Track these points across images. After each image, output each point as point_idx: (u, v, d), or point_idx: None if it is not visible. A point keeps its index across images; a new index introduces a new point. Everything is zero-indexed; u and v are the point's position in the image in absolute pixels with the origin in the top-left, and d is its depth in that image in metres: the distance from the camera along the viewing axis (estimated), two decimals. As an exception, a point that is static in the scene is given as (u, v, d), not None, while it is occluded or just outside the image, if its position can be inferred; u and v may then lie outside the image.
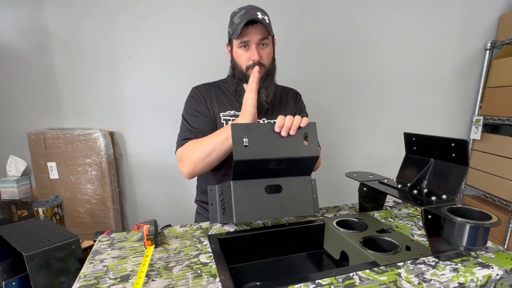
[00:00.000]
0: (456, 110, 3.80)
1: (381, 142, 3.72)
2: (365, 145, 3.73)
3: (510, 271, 1.21)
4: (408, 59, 3.56)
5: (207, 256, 1.29)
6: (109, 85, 3.14)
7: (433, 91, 3.68)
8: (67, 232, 1.41)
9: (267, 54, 1.96)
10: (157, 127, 3.24)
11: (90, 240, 1.75)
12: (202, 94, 2.06)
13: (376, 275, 1.15)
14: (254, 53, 1.89)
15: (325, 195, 2.86)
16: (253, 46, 1.89)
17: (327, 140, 3.30)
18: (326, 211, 1.85)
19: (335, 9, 3.31)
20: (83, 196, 3.13)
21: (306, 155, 1.47)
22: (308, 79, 3.39)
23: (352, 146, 3.71)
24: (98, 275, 1.15)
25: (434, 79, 3.65)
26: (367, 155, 3.73)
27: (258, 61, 1.90)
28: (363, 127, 3.68)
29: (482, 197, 3.70)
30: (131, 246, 1.39)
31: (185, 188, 3.33)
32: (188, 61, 3.17)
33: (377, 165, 3.65)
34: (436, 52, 3.58)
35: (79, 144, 3.02)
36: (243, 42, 1.89)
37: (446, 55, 3.61)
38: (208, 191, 1.60)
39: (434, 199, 1.35)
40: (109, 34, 3.04)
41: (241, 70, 1.96)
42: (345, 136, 3.66)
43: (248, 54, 1.92)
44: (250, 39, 1.88)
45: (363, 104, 3.62)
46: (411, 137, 1.66)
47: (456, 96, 3.75)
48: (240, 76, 1.97)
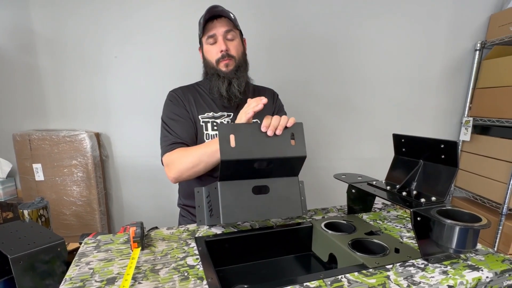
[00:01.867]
0: (445, 111, 3.82)
1: (369, 144, 3.73)
2: (354, 146, 3.73)
3: (500, 274, 1.22)
4: (397, 60, 3.57)
5: (194, 259, 1.30)
6: (95, 86, 3.13)
7: (422, 92, 3.70)
8: (52, 234, 1.41)
9: (235, 46, 2.00)
10: (143, 129, 3.23)
11: (76, 242, 1.75)
12: (180, 97, 2.09)
13: (364, 277, 1.16)
14: (221, 43, 1.95)
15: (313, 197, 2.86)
16: (220, 38, 1.95)
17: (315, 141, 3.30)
18: (314, 213, 1.85)
19: (323, 8, 3.31)
20: (69, 198, 3.12)
21: (293, 155, 1.48)
22: (293, 80, 3.39)
23: (340, 147, 3.71)
24: (84, 278, 1.15)
25: (423, 80, 3.67)
26: (356, 157, 3.74)
27: (226, 52, 1.95)
28: (352, 128, 3.68)
29: (471, 199, 3.71)
30: (117, 248, 1.39)
31: (172, 190, 3.30)
32: (176, 61, 3.17)
33: (365, 167, 3.66)
34: (425, 53, 3.60)
35: (65, 145, 3.01)
36: (210, 36, 1.96)
37: (435, 55, 3.62)
38: (195, 193, 1.61)
39: (423, 201, 1.36)
40: (95, 35, 3.03)
41: (211, 65, 2.01)
42: (333, 137, 3.66)
43: (216, 47, 1.97)
44: (216, 32, 1.94)
45: (352, 105, 3.62)
46: (400, 139, 1.66)
47: (445, 97, 3.76)
48: (212, 72, 2.02)
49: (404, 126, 3.74)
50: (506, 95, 3.25)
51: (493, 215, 3.32)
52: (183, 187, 2.25)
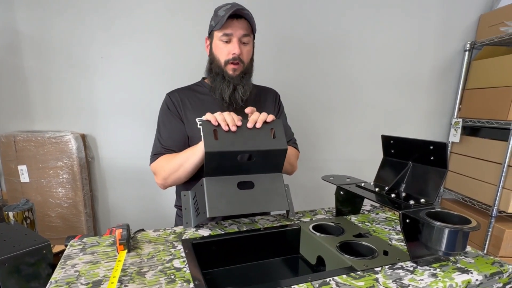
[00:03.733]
0: (434, 112, 3.84)
1: (358, 145, 3.74)
2: (342, 147, 3.75)
3: (490, 277, 1.23)
4: (386, 60, 3.59)
5: (181, 261, 1.30)
6: (81, 87, 3.11)
7: (411, 92, 3.72)
8: (38, 236, 1.41)
9: (247, 52, 1.98)
10: (130, 130, 3.22)
11: (62, 244, 1.75)
12: (175, 103, 2.07)
13: (353, 280, 1.17)
14: (236, 46, 1.90)
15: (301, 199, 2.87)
16: (235, 40, 1.91)
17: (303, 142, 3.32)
18: (302, 215, 1.86)
19: (312, 9, 3.32)
20: (54, 200, 3.10)
21: (274, 147, 1.53)
22: (284, 80, 3.40)
23: (329, 148, 3.72)
24: (70, 281, 1.15)
25: (412, 81, 3.69)
26: (344, 158, 3.75)
27: (238, 56, 1.92)
28: (340, 129, 3.70)
29: (461, 201, 3.73)
30: (103, 251, 1.39)
31: (158, 192, 3.32)
32: (163, 62, 3.16)
33: (354, 169, 3.68)
34: (414, 53, 3.62)
35: (50, 147, 3.00)
36: (226, 34, 1.91)
37: (425, 56, 3.65)
38: (182, 197, 1.64)
39: (412, 203, 1.36)
40: (81, 35, 3.01)
41: (219, 64, 1.97)
42: (322, 138, 3.68)
43: (228, 48, 1.93)
44: (233, 32, 1.90)
45: (340, 106, 3.64)
46: (389, 140, 1.67)
47: (434, 98, 3.79)
48: (217, 71, 1.99)
49: (393, 127, 3.77)
50: (496, 96, 3.27)
51: (483, 217, 3.35)
52: (180, 187, 2.23)
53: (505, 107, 3.14)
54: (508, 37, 3.14)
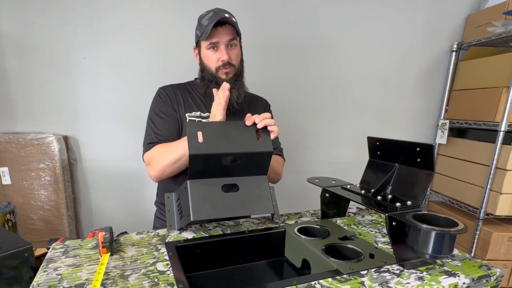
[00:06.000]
0: (421, 114, 3.85)
1: (344, 147, 3.75)
2: (328, 149, 3.75)
3: (477, 280, 1.24)
4: (372, 61, 3.60)
5: (164, 264, 1.31)
6: (63, 88, 3.10)
7: (397, 94, 3.73)
8: (20, 239, 1.41)
9: (236, 55, 2.01)
10: (113, 132, 3.20)
11: (44, 247, 1.75)
12: (168, 95, 2.08)
13: (338, 283, 1.18)
14: (224, 53, 1.94)
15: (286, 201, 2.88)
16: (222, 47, 1.94)
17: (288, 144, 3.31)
18: (287, 217, 1.88)
19: (298, 11, 3.32)
20: (36, 202, 3.09)
21: (259, 150, 1.54)
22: (270, 82, 3.41)
23: (314, 150, 3.72)
24: (52, 284, 1.16)
25: (398, 82, 3.70)
26: (330, 160, 3.75)
27: (227, 62, 1.95)
28: (326, 131, 3.70)
29: (448, 203, 3.75)
30: (86, 254, 1.40)
31: (141, 194, 3.32)
32: (146, 62, 3.15)
33: (340, 170, 3.69)
34: (400, 54, 3.63)
35: (32, 148, 2.99)
36: (212, 43, 1.94)
37: (411, 56, 3.66)
38: (165, 199, 1.64)
39: (399, 206, 1.37)
40: (63, 36, 3.00)
41: (210, 71, 2.00)
42: (308, 140, 3.68)
43: (217, 55, 1.96)
44: (219, 39, 1.93)
45: (326, 108, 3.64)
46: (374, 141, 1.69)
47: (421, 99, 3.80)
48: (210, 78, 2.01)
49: (379, 129, 3.77)
50: (483, 97, 3.29)
51: (470, 220, 3.36)
52: (163, 185, 2.24)
53: (493, 109, 3.15)
54: (495, 38, 3.15)
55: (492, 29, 3.14)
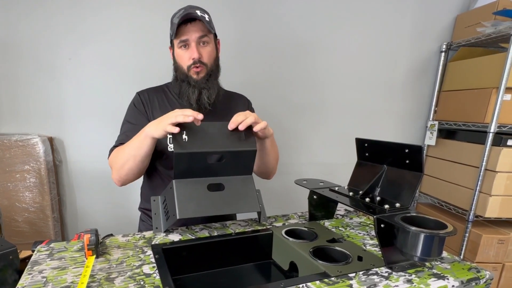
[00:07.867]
0: (410, 115, 3.86)
1: (332, 148, 3.75)
2: (316, 151, 3.76)
3: (467, 283, 1.25)
4: (360, 62, 3.60)
5: (150, 267, 1.31)
6: (48, 89, 3.09)
7: (386, 94, 3.74)
8: (4, 241, 1.41)
9: (208, 53, 1.99)
10: (99, 133, 3.20)
11: (29, 250, 1.74)
12: (143, 101, 2.09)
13: (326, 286, 1.18)
14: (194, 51, 1.93)
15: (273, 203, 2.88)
16: (193, 45, 1.93)
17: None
18: (274, 219, 1.88)
19: (282, 10, 3.33)
20: (21, 204, 3.09)
21: (244, 148, 1.57)
22: (255, 82, 3.41)
23: (302, 152, 3.73)
24: (37, 287, 1.16)
25: (387, 82, 3.71)
26: (318, 162, 3.76)
27: (198, 59, 1.94)
28: (314, 132, 3.70)
29: (437, 205, 3.75)
30: (71, 256, 1.40)
31: (127, 196, 3.32)
32: (132, 63, 3.16)
33: (328, 172, 3.66)
34: (389, 54, 3.63)
35: (17, 150, 2.98)
36: (182, 41, 1.94)
37: (400, 57, 3.67)
38: (151, 202, 1.65)
39: (387, 208, 1.38)
40: (48, 37, 2.99)
41: (182, 71, 2.00)
42: (295, 142, 3.68)
43: (188, 53, 1.96)
44: (189, 37, 1.92)
45: (314, 109, 3.64)
46: (363, 143, 1.69)
47: (410, 100, 3.81)
48: (182, 77, 2.01)
49: (367, 130, 3.77)
50: (473, 98, 3.30)
51: (459, 222, 3.37)
52: (146, 190, 2.26)
53: (482, 110, 3.16)
54: (485, 38, 3.17)
55: (481, 30, 3.15)
